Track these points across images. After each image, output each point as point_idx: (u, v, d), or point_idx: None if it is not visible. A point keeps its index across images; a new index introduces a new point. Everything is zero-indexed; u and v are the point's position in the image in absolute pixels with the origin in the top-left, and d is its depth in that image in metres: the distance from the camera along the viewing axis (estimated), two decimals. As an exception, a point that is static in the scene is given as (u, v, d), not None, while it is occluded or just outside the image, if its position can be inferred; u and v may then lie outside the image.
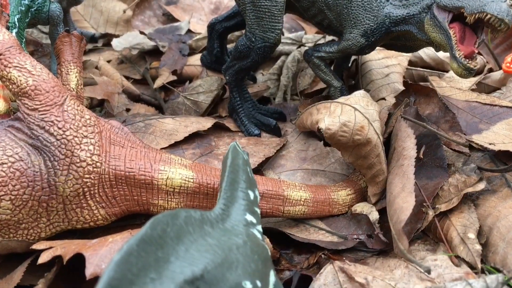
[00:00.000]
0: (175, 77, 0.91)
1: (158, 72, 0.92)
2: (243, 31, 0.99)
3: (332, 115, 0.60)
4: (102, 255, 0.44)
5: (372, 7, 0.67)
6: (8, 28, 0.65)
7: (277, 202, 0.58)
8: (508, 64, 0.65)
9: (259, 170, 0.69)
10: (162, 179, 0.55)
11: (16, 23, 0.68)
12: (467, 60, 0.58)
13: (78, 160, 0.52)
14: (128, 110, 0.82)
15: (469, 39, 0.59)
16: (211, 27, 0.89)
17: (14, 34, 0.67)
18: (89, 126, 0.54)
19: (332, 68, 0.79)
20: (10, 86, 0.54)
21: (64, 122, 0.53)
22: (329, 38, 0.95)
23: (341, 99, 0.64)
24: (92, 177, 0.53)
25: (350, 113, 0.60)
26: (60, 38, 0.68)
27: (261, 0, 0.69)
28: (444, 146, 0.64)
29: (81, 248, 0.45)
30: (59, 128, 0.52)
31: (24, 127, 0.53)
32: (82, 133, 0.53)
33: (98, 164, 0.53)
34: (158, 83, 0.89)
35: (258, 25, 0.71)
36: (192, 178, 0.56)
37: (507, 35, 0.89)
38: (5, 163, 0.51)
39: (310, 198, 0.59)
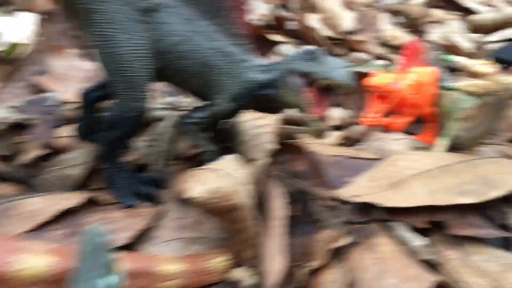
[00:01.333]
0: (45, 151, 0.86)
1: (25, 147, 0.86)
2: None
3: (202, 182, 0.60)
4: None
5: (236, 73, 0.70)
6: None
7: (147, 281, 0.55)
8: (367, 117, 0.70)
9: (133, 245, 0.66)
10: (17, 270, 0.51)
11: None
12: (319, 121, 0.62)
13: None
14: (-9, 191, 0.76)
15: (322, 101, 0.63)
16: (83, 96, 0.87)
17: None
18: None
19: (207, 132, 0.80)
20: None
21: None
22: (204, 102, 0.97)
23: (212, 165, 0.64)
24: None
25: (220, 179, 0.61)
26: None
27: (123, 72, 0.69)
28: (317, 202, 0.67)
29: None
30: None
31: None
32: None
33: None
34: (25, 159, 0.84)
35: (123, 95, 0.70)
36: (52, 265, 0.52)
37: (362, 92, 0.97)
38: None
39: (184, 270, 0.58)
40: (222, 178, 0.61)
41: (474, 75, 1.02)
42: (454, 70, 1.13)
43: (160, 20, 0.70)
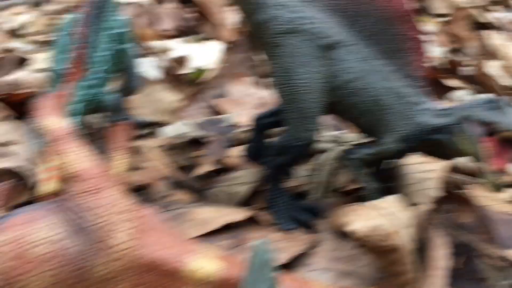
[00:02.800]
0: (216, 167, 0.94)
1: (200, 161, 0.96)
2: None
3: (363, 218, 0.61)
4: None
5: (408, 115, 0.69)
6: (69, 115, 0.71)
7: (304, 303, 0.57)
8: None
9: (288, 266, 0.69)
10: (191, 270, 0.56)
11: (79, 111, 0.75)
12: (497, 175, 0.59)
13: (112, 244, 0.54)
14: (167, 196, 0.86)
15: (503, 154, 0.59)
16: (256, 121, 0.93)
17: (74, 121, 0.73)
18: (127, 213, 0.57)
19: (370, 169, 0.80)
20: (62, 170, 0.58)
21: (106, 206, 0.56)
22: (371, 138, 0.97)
23: (374, 202, 0.65)
24: (123, 263, 0.55)
25: (381, 218, 0.61)
26: (112, 125, 0.73)
27: (297, 103, 0.73)
28: (483, 259, 0.63)
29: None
30: (100, 212, 0.55)
31: (68, 208, 0.56)
32: (120, 219, 0.56)
33: (130, 250, 0.55)
34: (200, 171, 0.93)
35: (294, 125, 0.74)
36: (221, 270, 0.57)
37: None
38: (48, 241, 0.54)
39: (336, 302, 0.58)
40: (384, 216, 0.61)
41: None
42: None
43: (337, 57, 0.73)
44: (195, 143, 1.02)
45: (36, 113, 0.63)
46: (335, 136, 0.98)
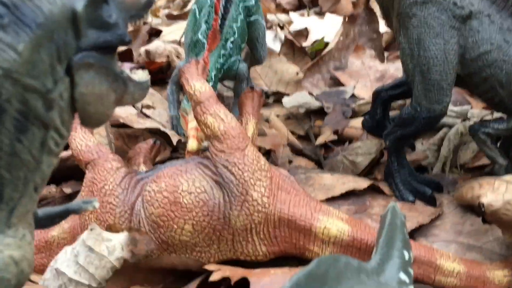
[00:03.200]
0: (335, 137, 0.97)
1: (320, 131, 0.99)
2: (407, 100, 1.02)
3: (496, 192, 0.60)
4: (265, 283, 0.50)
5: None
6: (207, 81, 0.77)
7: (429, 270, 0.58)
8: None
9: (411, 235, 0.70)
10: (320, 227, 0.60)
11: (213, 78, 0.81)
12: None
13: (251, 199, 0.60)
14: (290, 162, 0.90)
15: None
16: (376, 93, 0.94)
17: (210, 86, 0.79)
18: (263, 171, 0.62)
19: (498, 145, 0.78)
20: (205, 130, 0.64)
21: (244, 164, 0.61)
22: (496, 114, 0.94)
23: (507, 177, 0.63)
24: (260, 216, 0.60)
25: (515, 192, 0.60)
26: (245, 93, 0.78)
27: (431, 74, 0.73)
28: None
29: (247, 274, 0.51)
30: (239, 170, 0.61)
31: (210, 165, 0.62)
32: (257, 176, 0.61)
33: (266, 205, 0.60)
34: (320, 140, 0.96)
35: (425, 97, 0.74)
36: (347, 232, 0.60)
37: None
38: (193, 193, 0.60)
39: (463, 272, 0.59)
40: (517, 192, 0.60)
41: None
42: None
43: (472, 28, 0.71)
44: (315, 113, 1.05)
45: (182, 78, 0.69)
46: (457, 111, 0.95)
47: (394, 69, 1.13)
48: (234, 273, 0.53)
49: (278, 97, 1.12)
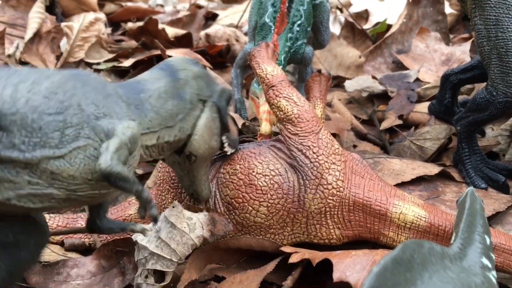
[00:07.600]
0: (400, 122, 0.95)
1: (384, 115, 0.97)
2: (476, 84, 0.99)
3: None
4: (347, 264, 0.50)
5: None
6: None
7: (510, 258, 0.57)
8: None
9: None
10: (396, 213, 0.59)
11: (282, 61, 0.80)
12: None
13: (325, 183, 0.59)
14: (355, 146, 0.89)
15: None
16: (445, 77, 0.91)
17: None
18: (337, 155, 0.61)
19: None
20: (278, 113, 0.64)
21: (318, 148, 0.61)
22: None
23: None
24: (335, 199, 0.59)
25: None
26: (312, 76, 0.78)
27: (509, 56, 0.70)
28: None
29: (328, 256, 0.52)
30: (314, 153, 0.61)
31: (284, 148, 0.62)
32: (331, 160, 0.60)
33: (341, 189, 0.60)
34: (385, 125, 0.94)
35: (502, 80, 0.71)
36: (424, 217, 0.59)
37: None
38: (267, 175, 0.61)
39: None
40: None
41: None
42: None
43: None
44: (378, 97, 1.03)
45: (253, 61, 0.69)
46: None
47: (460, 52, 1.09)
48: (315, 255, 0.53)
49: (338, 81, 1.10)
